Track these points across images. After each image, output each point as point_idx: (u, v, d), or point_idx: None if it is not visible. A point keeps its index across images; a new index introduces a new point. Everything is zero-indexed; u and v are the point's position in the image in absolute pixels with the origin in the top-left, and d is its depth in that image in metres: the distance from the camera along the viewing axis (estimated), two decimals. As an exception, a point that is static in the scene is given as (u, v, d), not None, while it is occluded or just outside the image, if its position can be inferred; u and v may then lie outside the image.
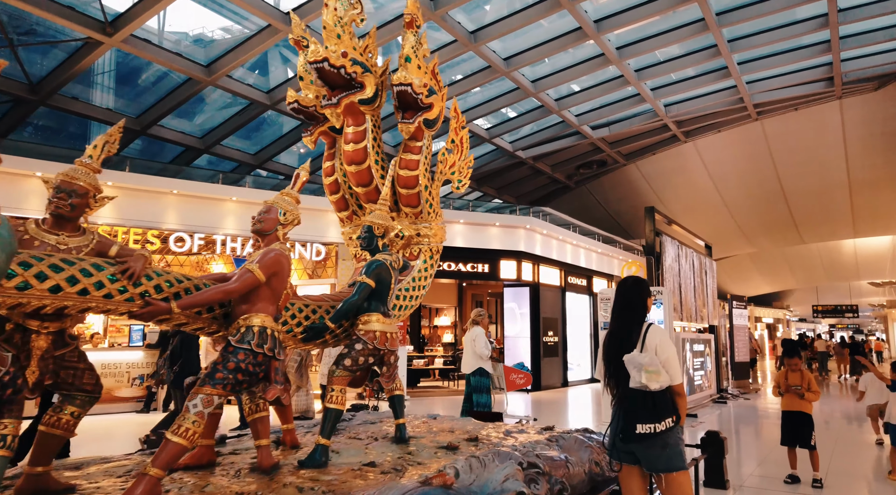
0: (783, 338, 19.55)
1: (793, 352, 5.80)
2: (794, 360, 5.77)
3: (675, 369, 3.08)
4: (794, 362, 5.76)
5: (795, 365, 5.77)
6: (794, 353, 5.79)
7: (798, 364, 5.77)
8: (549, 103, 15.04)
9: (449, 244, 13.59)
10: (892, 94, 16.55)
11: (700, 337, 12.02)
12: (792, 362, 5.77)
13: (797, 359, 5.77)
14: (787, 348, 5.87)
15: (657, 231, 10.12)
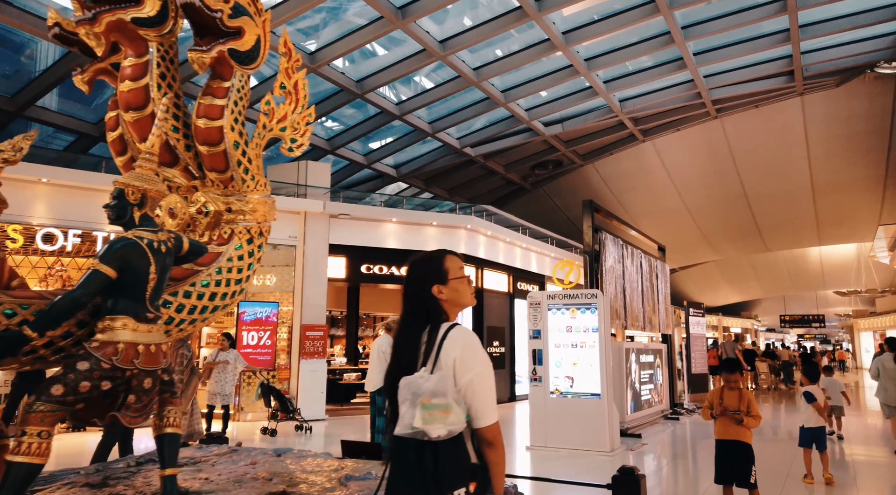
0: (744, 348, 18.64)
1: (732, 366, 4.66)
2: (734, 377, 4.62)
3: (484, 400, 1.84)
4: (734, 378, 4.62)
5: (734, 382, 4.63)
6: (733, 368, 4.65)
7: (737, 381, 4.63)
8: (494, 94, 13.92)
9: (380, 245, 12.34)
10: (854, 91, 15.81)
11: (649, 347, 10.92)
12: (731, 378, 4.63)
13: (737, 374, 4.63)
14: (726, 362, 4.73)
15: (597, 227, 8.98)
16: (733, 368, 4.65)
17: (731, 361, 4.72)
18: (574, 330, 8.05)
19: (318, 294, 11.28)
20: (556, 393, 7.99)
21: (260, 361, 10.67)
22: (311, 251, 11.30)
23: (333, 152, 14.68)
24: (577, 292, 8.06)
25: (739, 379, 4.66)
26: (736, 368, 4.65)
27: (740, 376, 4.67)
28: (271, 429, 8.73)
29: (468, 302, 2.05)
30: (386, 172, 16.94)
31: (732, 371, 4.64)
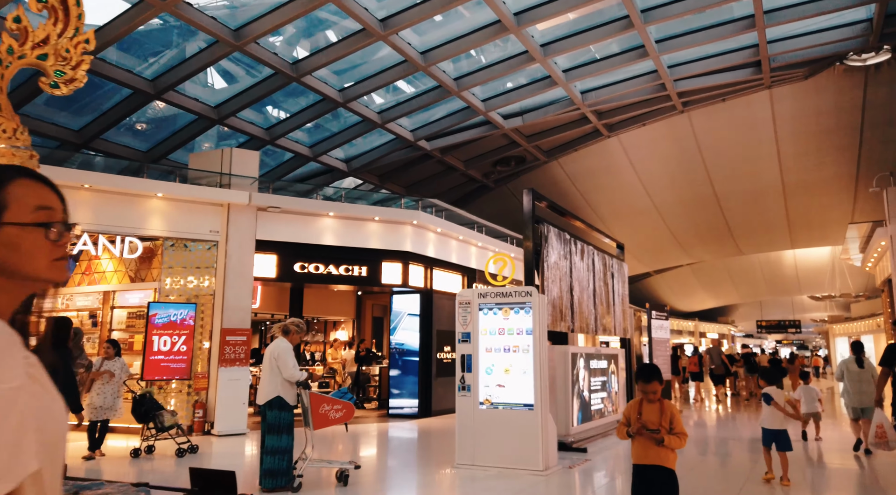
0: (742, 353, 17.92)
1: (649, 373, 3.77)
2: (651, 386, 3.74)
3: None
4: (651, 389, 3.74)
5: (653, 393, 3.74)
6: (650, 376, 3.76)
7: (657, 392, 3.75)
8: (445, 82, 13.02)
9: (316, 242, 11.34)
10: (823, 85, 15.19)
11: (602, 351, 10.04)
12: (648, 389, 3.74)
13: (655, 383, 3.75)
14: (643, 368, 3.84)
15: (538, 218, 8.09)
16: (650, 376, 3.76)
17: (648, 368, 3.82)
18: (507, 332, 7.13)
19: (242, 294, 10.25)
20: (486, 404, 7.05)
21: (173, 370, 9.60)
22: (235, 247, 10.28)
23: (273, 143, 13.67)
24: (511, 290, 7.15)
25: (659, 390, 3.77)
26: (653, 376, 3.76)
27: (659, 385, 3.77)
28: (147, 447, 7.61)
29: (41, 273, 1.07)
30: (335, 166, 15.96)
31: (649, 379, 3.75)
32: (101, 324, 10.53)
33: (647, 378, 3.76)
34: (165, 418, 7.25)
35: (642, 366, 3.87)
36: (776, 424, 6.35)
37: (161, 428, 7.25)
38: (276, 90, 11.79)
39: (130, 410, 7.60)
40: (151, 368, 9.43)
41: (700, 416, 13.67)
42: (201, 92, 12.06)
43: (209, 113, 12.07)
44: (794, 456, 7.91)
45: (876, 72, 14.48)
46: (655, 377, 3.76)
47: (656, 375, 3.77)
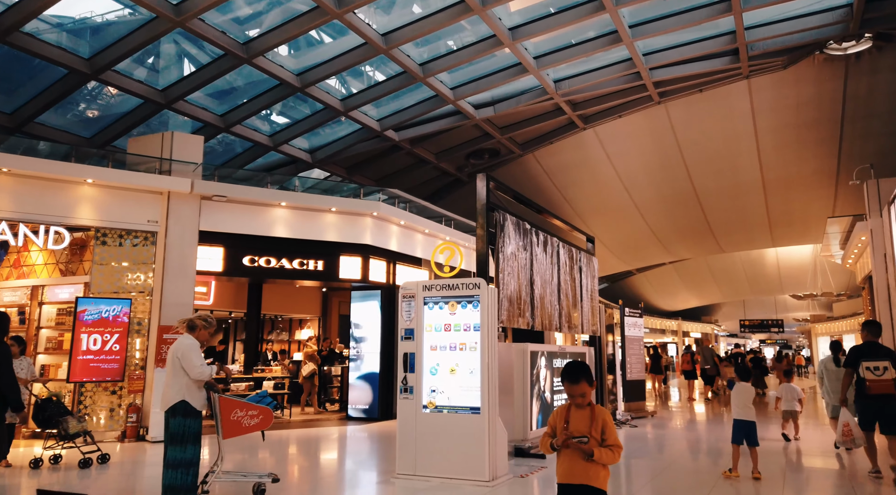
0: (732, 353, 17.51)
1: (576, 373, 3.15)
2: (579, 388, 3.12)
3: None
4: (580, 391, 3.12)
5: (581, 397, 3.12)
6: (577, 375, 3.14)
7: (586, 394, 3.13)
8: (410, 67, 12.37)
9: (266, 233, 10.65)
10: (803, 76, 14.73)
11: (566, 350, 9.44)
12: (575, 390, 3.12)
13: (584, 385, 3.12)
14: (569, 367, 3.22)
15: (493, 205, 7.46)
16: (576, 375, 3.13)
17: (573, 367, 3.19)
18: (453, 328, 6.50)
19: (183, 290, 9.54)
20: (430, 408, 6.41)
21: (104, 371, 8.87)
22: (176, 238, 9.56)
23: (228, 130, 12.94)
24: (459, 282, 6.52)
25: (589, 392, 3.15)
26: (581, 375, 3.13)
27: (589, 387, 3.15)
28: (53, 457, 6.88)
29: None
30: (299, 157, 15.26)
31: (576, 379, 3.13)
32: (29, 321, 9.76)
33: (574, 378, 3.14)
34: (70, 425, 6.53)
35: (568, 365, 3.23)
36: (747, 415, 6.54)
37: (65, 435, 6.52)
38: (226, 72, 11.08)
39: (32, 415, 6.87)
40: (79, 369, 8.69)
41: (688, 414, 13.14)
42: (147, 74, 11.32)
43: (155, 96, 11.33)
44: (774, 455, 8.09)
45: (857, 61, 14.04)
46: (583, 377, 3.13)
47: (584, 374, 3.14)
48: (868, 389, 6.42)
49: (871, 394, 6.40)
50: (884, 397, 6.37)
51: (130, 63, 10.88)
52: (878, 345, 6.68)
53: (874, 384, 6.39)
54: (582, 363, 3.24)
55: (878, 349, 6.60)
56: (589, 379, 3.15)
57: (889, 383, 6.35)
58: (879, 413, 6.40)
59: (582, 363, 3.24)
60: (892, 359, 6.47)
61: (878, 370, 6.41)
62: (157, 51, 11.24)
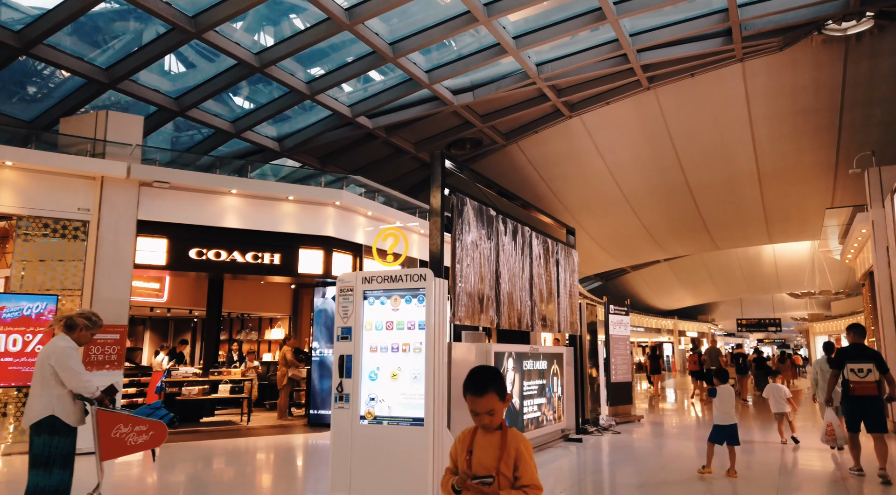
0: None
1: (482, 382, 2.29)
2: (487, 400, 2.27)
3: None
4: (486, 406, 2.27)
5: (490, 415, 2.28)
6: (483, 385, 2.28)
7: (496, 412, 2.28)
8: (379, 46, 11.48)
9: (216, 224, 9.77)
10: (800, 59, 13.88)
11: (539, 350, 8.58)
12: (480, 405, 2.27)
13: (493, 397, 2.27)
14: (470, 375, 2.35)
15: (452, 187, 6.60)
16: (482, 385, 2.28)
17: (479, 374, 2.31)
18: (396, 326, 5.63)
19: (118, 284, 8.66)
20: (368, 419, 5.54)
21: (25, 374, 7.98)
22: (110, 228, 8.68)
23: (184, 114, 12.05)
24: (403, 273, 5.65)
25: (499, 410, 2.28)
26: (488, 385, 2.27)
27: (500, 402, 2.29)
28: None
29: None
30: (266, 146, 14.37)
31: (481, 390, 2.27)
32: (-54, 320, 8.86)
33: (478, 388, 2.28)
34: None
35: (472, 371, 2.36)
36: (728, 420, 6.65)
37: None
38: (174, 48, 10.19)
39: None
40: (-5, 372, 7.80)
41: (679, 419, 12.32)
42: (88, 50, 10.42)
43: (98, 75, 10.44)
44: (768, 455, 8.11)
45: (857, 43, 13.19)
46: (492, 387, 2.27)
47: (493, 384, 2.28)
48: (852, 390, 6.59)
49: (855, 395, 6.57)
50: (867, 398, 6.52)
51: (69, 38, 9.99)
52: (864, 347, 6.76)
53: (857, 385, 6.55)
54: (490, 369, 2.37)
55: (863, 351, 6.70)
56: (500, 390, 2.29)
57: (872, 385, 6.52)
58: (863, 413, 6.56)
59: (490, 369, 2.37)
60: (876, 361, 6.61)
61: (862, 372, 6.55)
62: (99, 25, 10.35)
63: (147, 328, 16.35)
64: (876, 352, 6.77)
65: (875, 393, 6.50)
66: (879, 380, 6.53)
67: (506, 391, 2.35)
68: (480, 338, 8.20)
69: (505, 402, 2.33)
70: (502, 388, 2.31)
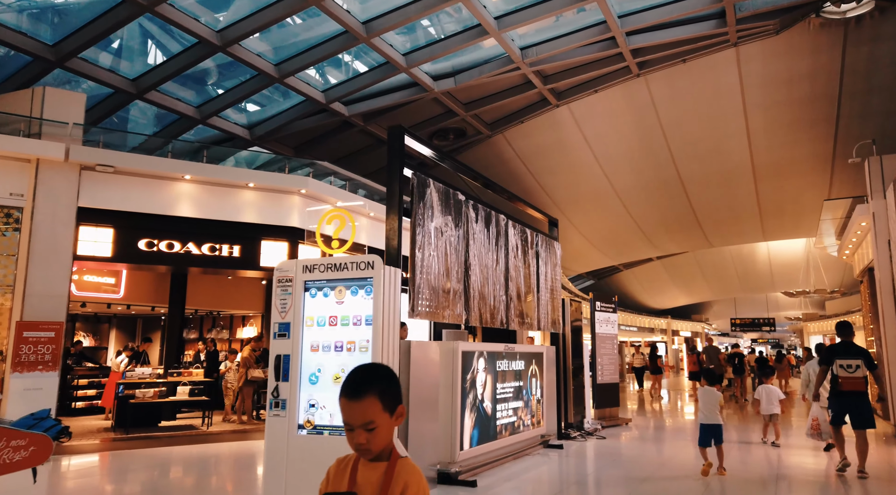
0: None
1: (359, 383, 1.59)
2: (364, 406, 1.58)
3: None
4: (365, 417, 1.59)
5: (370, 431, 1.59)
6: (360, 387, 1.59)
7: (379, 428, 1.59)
8: (350, 24, 10.75)
9: (167, 212, 9.01)
10: (796, 45, 13.21)
11: (516, 349, 7.86)
12: (357, 414, 1.58)
13: (373, 403, 1.59)
14: (350, 376, 1.63)
15: (412, 166, 5.88)
16: (358, 388, 1.59)
17: (358, 374, 1.59)
18: (340, 321, 4.91)
19: (55, 278, 7.90)
20: (307, 428, 4.82)
21: (-54, 373, 7.22)
22: (46, 216, 7.92)
23: (143, 97, 11.27)
24: (348, 260, 4.93)
25: (384, 425, 1.57)
26: (367, 388, 1.57)
27: (385, 413, 1.57)
28: None
29: None
30: (235, 133, 13.61)
31: (357, 392, 1.58)
32: None
33: (354, 388, 1.59)
34: None
35: (351, 373, 1.64)
36: (713, 419, 6.73)
37: None
38: (123, 24, 9.41)
39: None
40: (-90, 373, 7.04)
41: (670, 420, 11.65)
42: (33, 26, 9.65)
43: (44, 52, 9.66)
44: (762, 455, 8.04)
45: (857, 26, 12.54)
46: (372, 388, 1.57)
47: (376, 385, 1.58)
48: (840, 386, 6.71)
49: (843, 391, 6.70)
50: (855, 394, 6.68)
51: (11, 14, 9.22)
52: (853, 344, 6.90)
53: (846, 381, 6.67)
54: (379, 367, 1.66)
55: (851, 348, 6.83)
56: (387, 396, 1.60)
57: (860, 380, 6.65)
58: (851, 409, 6.68)
59: (379, 367, 1.66)
60: (864, 357, 6.72)
61: (851, 367, 6.67)
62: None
63: (113, 326, 15.56)
64: (864, 350, 6.87)
65: (863, 389, 6.67)
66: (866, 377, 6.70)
67: (397, 400, 1.64)
68: (463, 337, 7.49)
69: (395, 417, 1.61)
70: (391, 394, 1.60)
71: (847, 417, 6.75)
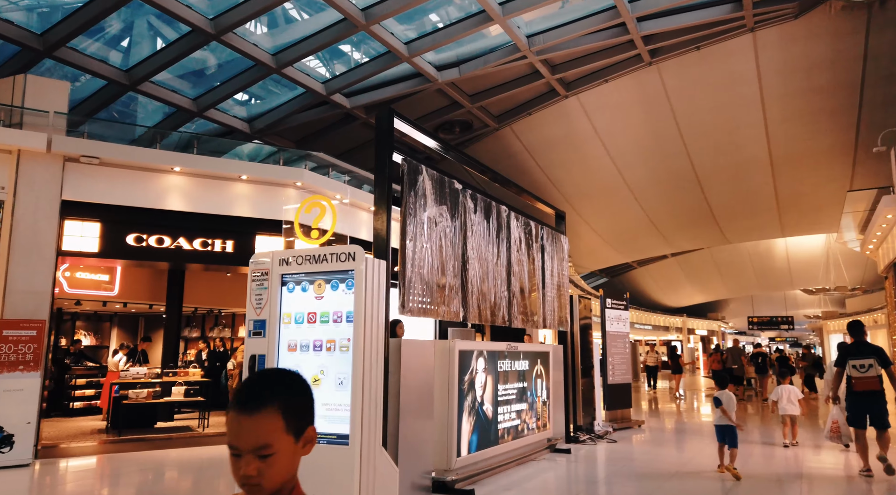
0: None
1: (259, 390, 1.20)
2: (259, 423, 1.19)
3: None
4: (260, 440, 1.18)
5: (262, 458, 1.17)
6: (257, 400, 1.19)
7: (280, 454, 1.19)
8: (349, 11, 10.35)
9: (156, 206, 8.67)
10: (816, 29, 12.60)
11: (519, 348, 7.41)
12: (248, 436, 1.18)
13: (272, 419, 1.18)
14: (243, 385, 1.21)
15: (403, 151, 5.45)
16: (254, 399, 1.18)
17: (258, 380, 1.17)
18: (319, 318, 4.50)
19: (36, 274, 7.58)
20: (284, 434, 4.41)
21: (-77, 374, 6.92)
22: (28, 209, 7.61)
23: (136, 89, 10.96)
24: (328, 251, 4.51)
25: (285, 450, 1.15)
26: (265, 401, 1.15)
27: (288, 436, 1.16)
28: None
29: None
30: (234, 127, 13.28)
31: (253, 405, 1.17)
32: None
33: (249, 399, 1.18)
34: None
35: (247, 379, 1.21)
36: (724, 421, 6.65)
37: None
38: (111, 11, 9.08)
39: None
40: None
41: (685, 422, 11.15)
42: (18, 14, 9.35)
43: (31, 41, 9.35)
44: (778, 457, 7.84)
45: (881, 8, 11.91)
46: (273, 400, 1.17)
47: (279, 395, 1.17)
48: (853, 386, 6.61)
49: (857, 391, 6.58)
50: (870, 394, 6.54)
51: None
52: (866, 344, 6.78)
53: (859, 381, 6.58)
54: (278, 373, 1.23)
55: (864, 347, 6.70)
56: (293, 410, 1.18)
57: (874, 380, 6.53)
58: (867, 409, 6.56)
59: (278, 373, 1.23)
60: (877, 356, 6.59)
61: (864, 367, 6.56)
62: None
63: (114, 325, 15.31)
64: (877, 347, 6.72)
65: (877, 388, 6.54)
66: None
67: (307, 419, 1.21)
68: (470, 336, 7.07)
69: (302, 443, 1.19)
70: (299, 410, 1.20)
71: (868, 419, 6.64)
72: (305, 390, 1.23)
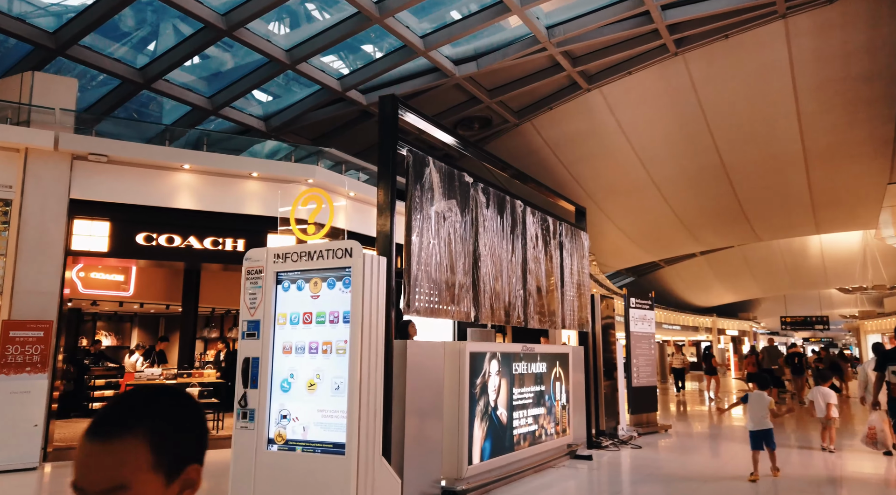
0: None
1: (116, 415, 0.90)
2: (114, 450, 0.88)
3: None
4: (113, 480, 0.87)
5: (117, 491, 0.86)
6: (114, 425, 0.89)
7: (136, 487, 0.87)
8: (363, 3, 10.11)
9: (166, 204, 8.53)
10: (852, 15, 11.98)
11: (536, 350, 7.06)
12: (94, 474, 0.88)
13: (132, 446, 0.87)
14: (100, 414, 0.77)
15: (402, 140, 5.17)
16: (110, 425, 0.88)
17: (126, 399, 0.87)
18: (315, 319, 4.23)
19: (44, 274, 7.48)
20: (278, 442, 4.15)
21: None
22: (35, 209, 7.51)
23: (150, 87, 10.88)
24: (323, 247, 4.24)
25: (150, 490, 0.85)
26: (124, 427, 0.86)
27: (152, 475, 0.85)
28: None
29: None
30: (250, 125, 13.15)
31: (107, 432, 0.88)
32: None
33: (100, 427, 0.89)
34: None
35: (111, 400, 0.92)
36: (761, 425, 6.47)
37: None
38: (120, 8, 8.97)
39: None
40: None
41: (717, 428, 10.66)
42: (31, 13, 9.31)
43: (44, 40, 9.31)
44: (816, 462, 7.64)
45: (923, -10, 11.26)
46: (132, 428, 0.89)
47: (144, 422, 0.89)
48: (893, 392, 6.44)
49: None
50: None
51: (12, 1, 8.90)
52: None
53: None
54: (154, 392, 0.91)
55: None
56: (164, 442, 0.84)
57: None
58: None
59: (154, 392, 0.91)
60: None
61: None
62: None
63: (135, 325, 15.34)
64: None
65: None
66: None
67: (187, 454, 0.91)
68: (490, 337, 6.76)
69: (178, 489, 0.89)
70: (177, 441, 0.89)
71: None
72: (189, 415, 0.93)
